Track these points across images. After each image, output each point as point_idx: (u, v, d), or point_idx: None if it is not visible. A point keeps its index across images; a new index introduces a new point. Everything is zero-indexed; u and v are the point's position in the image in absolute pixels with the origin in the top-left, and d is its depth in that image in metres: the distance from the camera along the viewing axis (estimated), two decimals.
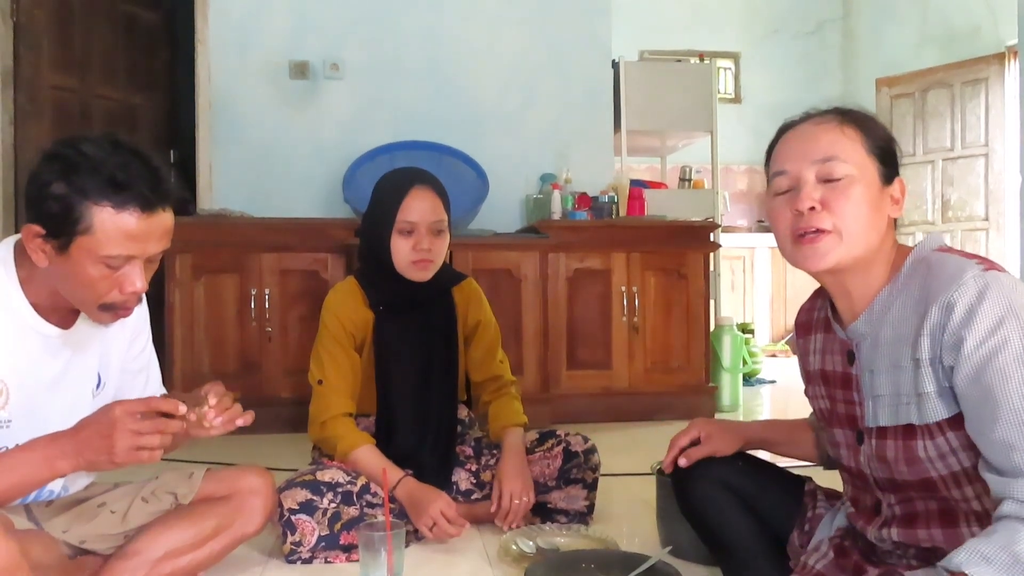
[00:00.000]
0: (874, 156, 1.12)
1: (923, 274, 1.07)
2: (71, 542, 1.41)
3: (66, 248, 1.20)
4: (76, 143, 1.21)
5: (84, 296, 1.25)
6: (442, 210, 1.89)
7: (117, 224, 1.19)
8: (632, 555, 1.58)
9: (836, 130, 1.12)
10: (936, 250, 1.10)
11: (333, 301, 1.96)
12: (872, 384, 1.12)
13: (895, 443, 1.08)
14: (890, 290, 1.11)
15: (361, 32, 3.90)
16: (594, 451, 1.96)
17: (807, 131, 1.14)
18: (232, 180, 3.79)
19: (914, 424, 1.05)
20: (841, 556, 1.19)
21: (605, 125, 4.15)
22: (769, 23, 6.88)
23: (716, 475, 1.37)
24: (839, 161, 1.10)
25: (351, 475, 1.80)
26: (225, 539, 1.51)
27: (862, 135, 1.12)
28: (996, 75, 5.61)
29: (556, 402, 3.36)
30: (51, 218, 1.18)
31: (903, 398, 1.06)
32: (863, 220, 1.09)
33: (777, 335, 6.22)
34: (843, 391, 1.18)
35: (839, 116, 1.14)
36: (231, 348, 3.24)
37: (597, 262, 3.44)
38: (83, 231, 1.18)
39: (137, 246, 1.22)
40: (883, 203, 1.12)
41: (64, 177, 1.18)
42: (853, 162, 1.10)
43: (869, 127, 1.14)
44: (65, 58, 3.78)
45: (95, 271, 1.21)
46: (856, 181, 1.10)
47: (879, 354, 1.10)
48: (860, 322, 1.14)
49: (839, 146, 1.11)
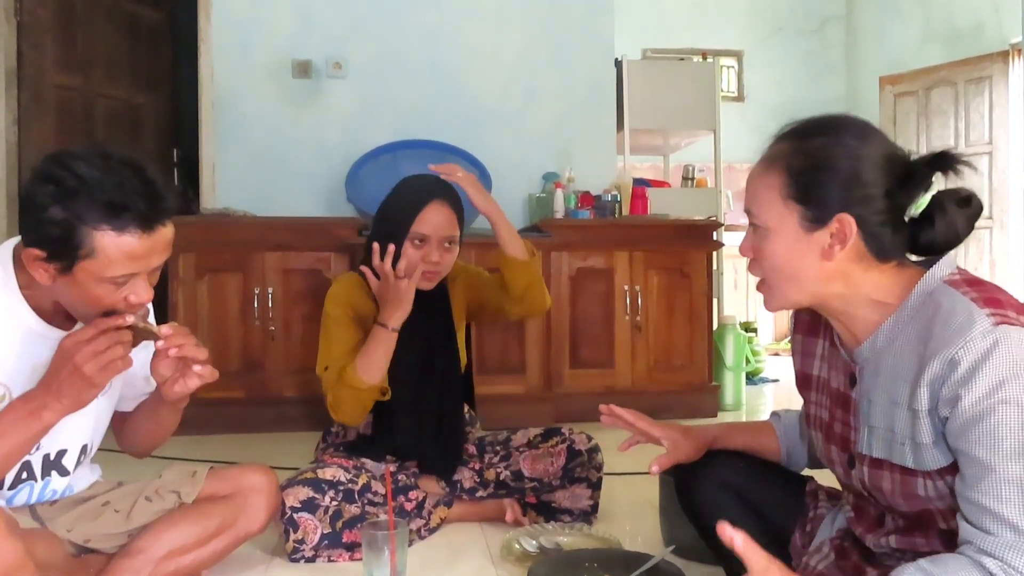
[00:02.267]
0: (794, 201, 1.05)
1: (931, 314, 1.00)
2: (75, 541, 1.42)
3: (69, 270, 1.19)
4: (67, 163, 1.18)
5: (90, 312, 1.25)
6: (456, 226, 1.90)
7: (119, 246, 1.19)
8: (635, 554, 1.58)
9: (759, 177, 1.09)
10: (946, 281, 1.02)
11: (337, 292, 1.96)
12: (869, 413, 1.09)
13: (891, 475, 1.06)
14: (895, 321, 1.05)
15: (364, 31, 3.90)
16: (598, 450, 1.96)
17: (751, 171, 1.12)
18: (235, 179, 3.79)
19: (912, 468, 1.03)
20: (841, 557, 1.19)
21: (608, 124, 4.14)
22: (772, 21, 6.87)
23: (719, 475, 1.37)
24: (754, 215, 1.09)
25: (352, 473, 1.80)
26: (228, 537, 1.52)
27: (783, 179, 1.06)
28: (1000, 73, 5.59)
29: (559, 401, 3.36)
30: (51, 243, 1.18)
31: (897, 437, 1.03)
32: (785, 271, 1.07)
33: (780, 334, 6.22)
34: (841, 412, 1.16)
35: (773, 152, 1.09)
36: (234, 347, 3.25)
37: (600, 261, 3.44)
38: (85, 256, 1.18)
39: (140, 264, 1.22)
40: (810, 249, 1.05)
41: (60, 202, 1.16)
42: (767, 215, 1.07)
43: (794, 164, 1.05)
44: (68, 57, 3.78)
45: (100, 290, 1.22)
46: (768, 235, 1.07)
47: (878, 385, 1.07)
48: (865, 347, 1.09)
49: (755, 198, 1.09)
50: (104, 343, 1.20)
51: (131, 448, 1.56)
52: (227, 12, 3.80)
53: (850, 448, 1.14)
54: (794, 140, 1.08)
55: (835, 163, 1.03)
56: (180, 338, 1.30)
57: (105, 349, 1.20)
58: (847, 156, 1.03)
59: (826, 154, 1.04)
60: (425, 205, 1.87)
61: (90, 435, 1.43)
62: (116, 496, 1.48)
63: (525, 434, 2.01)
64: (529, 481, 1.95)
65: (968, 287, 1.00)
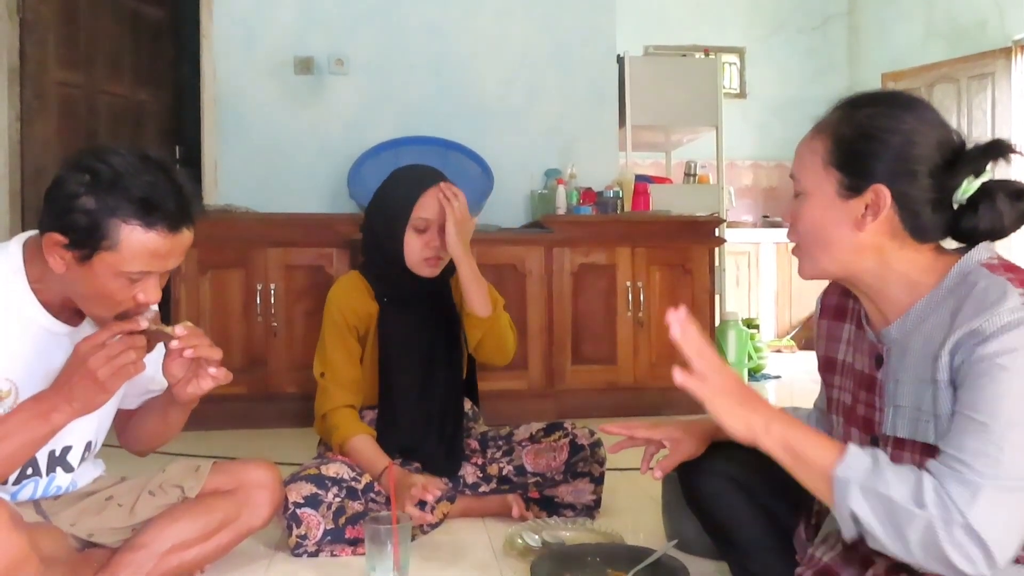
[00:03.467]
0: (834, 168, 1.06)
1: (965, 294, 1.00)
2: (79, 535, 1.42)
3: (88, 259, 1.20)
4: (105, 156, 1.21)
5: (98, 305, 1.26)
6: None
7: (143, 242, 1.20)
8: (638, 549, 1.58)
9: (806, 142, 1.11)
10: (984, 264, 1.02)
11: (337, 294, 1.96)
12: (895, 393, 1.08)
13: (912, 456, 1.06)
14: (928, 301, 1.04)
15: (366, 27, 3.90)
16: (600, 444, 1.96)
17: (802, 138, 1.13)
18: (237, 176, 3.79)
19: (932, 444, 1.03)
20: (849, 548, 1.19)
21: (610, 120, 4.14)
22: (774, 18, 6.86)
23: (721, 469, 1.37)
24: (797, 180, 1.11)
25: (356, 471, 1.80)
26: (231, 532, 1.52)
27: (828, 145, 1.07)
28: (1003, 70, 5.58)
29: (561, 397, 3.36)
30: (76, 230, 1.19)
31: (923, 414, 1.03)
32: (818, 239, 1.08)
33: (782, 331, 6.21)
34: (866, 393, 1.16)
35: (824, 121, 1.11)
36: (237, 343, 3.25)
37: (602, 257, 3.44)
38: (108, 247, 1.19)
39: (159, 263, 1.24)
40: (844, 218, 1.06)
41: (94, 192, 1.18)
42: (807, 179, 1.09)
43: (841, 131, 1.07)
44: (71, 55, 3.79)
45: (114, 284, 1.22)
46: (805, 200, 1.09)
47: (906, 364, 1.07)
48: (893, 328, 1.09)
49: (800, 163, 1.11)
50: (118, 348, 1.20)
51: (134, 446, 1.56)
52: (229, 9, 3.80)
53: (873, 430, 1.14)
54: (847, 109, 1.09)
55: (883, 135, 1.03)
56: (194, 339, 1.30)
57: (119, 354, 1.20)
58: (896, 130, 1.03)
59: (874, 125, 1.04)
60: (424, 190, 1.87)
61: (95, 432, 1.44)
62: (120, 491, 1.49)
63: (527, 429, 2.01)
64: (532, 476, 1.95)
65: (1005, 271, 1.00)
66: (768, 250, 6.27)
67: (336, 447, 1.86)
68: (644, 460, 1.40)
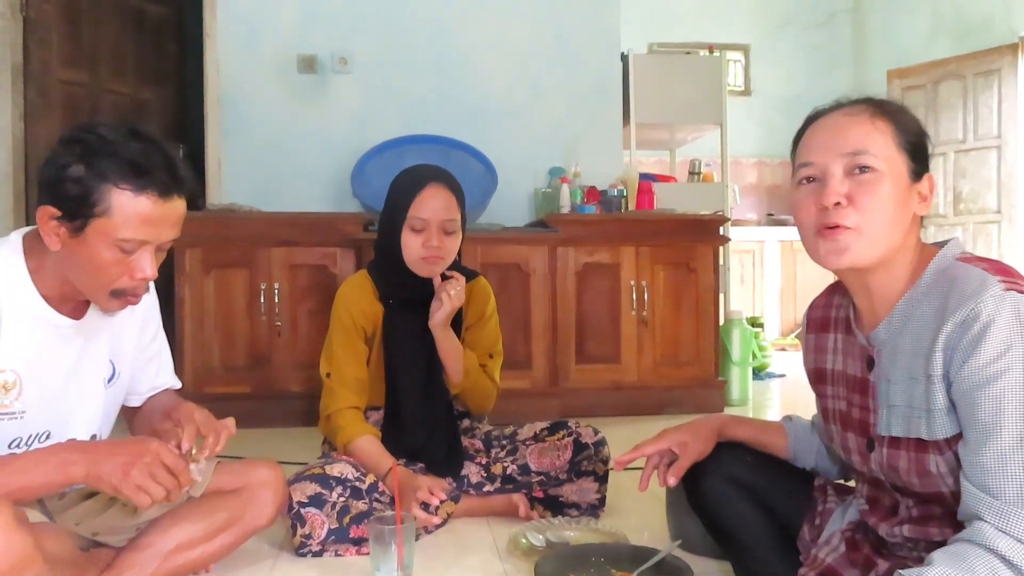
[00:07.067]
0: (904, 151, 1.08)
1: (945, 288, 1.04)
2: (84, 535, 1.42)
3: (81, 230, 1.21)
4: (95, 128, 1.23)
5: (95, 281, 1.26)
6: (455, 209, 1.89)
7: (135, 207, 1.21)
8: (642, 549, 1.57)
9: (868, 123, 1.08)
10: (958, 259, 1.07)
11: (344, 294, 1.97)
12: (888, 393, 1.10)
13: (907, 454, 1.07)
14: (910, 298, 1.08)
15: (369, 26, 3.90)
16: (604, 443, 1.96)
17: (837, 122, 1.11)
18: (241, 174, 3.79)
19: (925, 439, 1.05)
20: (852, 549, 1.19)
21: (614, 118, 4.13)
22: (779, 15, 6.84)
23: (726, 470, 1.37)
24: (868, 155, 1.07)
25: (360, 470, 1.81)
26: (236, 532, 1.52)
27: (894, 128, 1.08)
28: (1009, 66, 5.55)
29: (565, 396, 3.35)
30: (69, 200, 1.20)
31: (915, 411, 1.05)
32: (887, 218, 1.06)
33: (787, 329, 6.20)
34: (859, 396, 1.17)
35: (871, 107, 1.10)
36: (241, 342, 3.25)
37: (606, 256, 3.43)
38: (100, 213, 1.20)
39: (152, 231, 1.24)
40: (910, 200, 1.09)
41: (84, 160, 1.20)
42: (883, 157, 1.07)
43: (901, 120, 1.10)
44: (74, 53, 3.79)
45: (109, 254, 1.22)
46: (884, 177, 1.06)
47: (897, 364, 1.08)
48: (881, 329, 1.11)
49: (869, 139, 1.07)
50: (164, 476, 1.21)
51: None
52: (233, 7, 3.79)
53: (869, 432, 1.15)
54: (877, 103, 1.12)
55: (920, 127, 1.12)
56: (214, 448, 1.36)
57: (159, 482, 1.20)
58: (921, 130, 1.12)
59: (915, 118, 1.12)
60: (422, 188, 1.87)
61: (99, 426, 1.44)
62: None
63: (531, 428, 2.01)
64: (536, 475, 1.95)
65: (979, 262, 1.05)
66: (773, 248, 6.26)
67: (340, 447, 1.86)
68: (643, 478, 1.40)
